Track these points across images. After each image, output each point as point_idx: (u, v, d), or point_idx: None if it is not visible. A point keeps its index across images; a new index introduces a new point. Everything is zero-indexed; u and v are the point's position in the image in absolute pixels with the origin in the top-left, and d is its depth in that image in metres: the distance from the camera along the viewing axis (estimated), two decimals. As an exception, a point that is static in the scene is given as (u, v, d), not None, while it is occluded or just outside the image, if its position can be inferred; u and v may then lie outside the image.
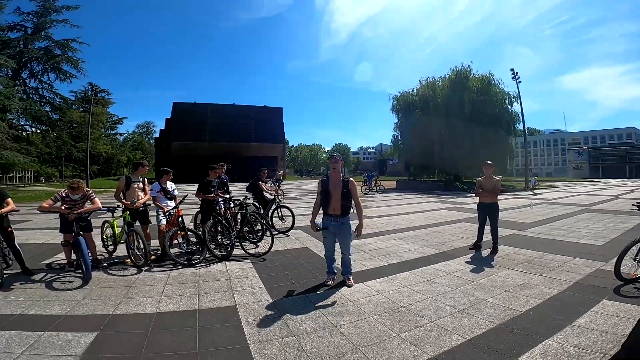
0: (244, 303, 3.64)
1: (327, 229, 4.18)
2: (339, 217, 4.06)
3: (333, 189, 4.08)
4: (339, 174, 4.17)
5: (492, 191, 6.05)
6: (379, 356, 2.52)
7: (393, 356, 2.52)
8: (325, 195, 4.14)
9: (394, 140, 32.84)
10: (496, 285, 4.16)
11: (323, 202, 4.18)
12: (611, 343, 2.59)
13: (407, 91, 30.66)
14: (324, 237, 4.30)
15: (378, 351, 2.59)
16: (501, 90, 27.41)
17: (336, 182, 4.10)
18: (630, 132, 79.77)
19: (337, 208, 4.05)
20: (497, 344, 2.69)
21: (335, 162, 4.15)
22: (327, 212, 4.15)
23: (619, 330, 2.80)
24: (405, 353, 2.56)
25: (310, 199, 17.79)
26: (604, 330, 2.83)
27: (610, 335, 2.73)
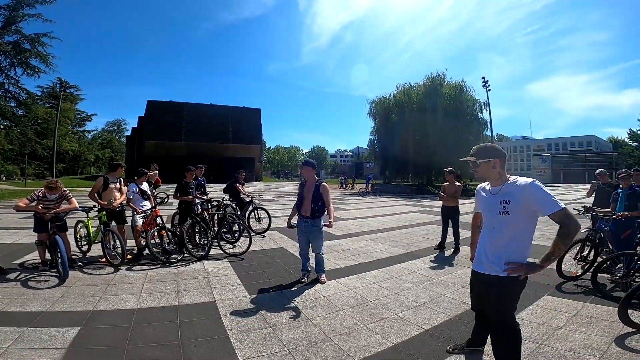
0: (222, 299, 3.84)
1: (299, 228, 4.52)
2: (309, 219, 4.40)
3: (307, 192, 4.43)
4: (314, 178, 4.48)
5: (453, 196, 6.55)
6: (348, 344, 2.81)
7: (360, 344, 2.82)
8: (300, 197, 4.50)
9: (370, 144, 33.52)
10: (455, 282, 4.58)
11: (298, 204, 4.54)
12: (546, 334, 2.97)
13: (385, 96, 31.51)
14: (298, 236, 4.61)
15: (347, 339, 2.89)
16: (472, 97, 28.78)
17: (310, 186, 4.43)
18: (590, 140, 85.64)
19: (307, 210, 4.39)
20: (451, 333, 3.04)
21: (304, 169, 4.50)
22: (300, 213, 4.50)
23: (554, 323, 3.20)
24: (371, 341, 2.87)
25: (287, 201, 17.98)
26: (541, 323, 3.21)
27: (546, 327, 3.11)
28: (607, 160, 61.16)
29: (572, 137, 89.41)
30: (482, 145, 2.34)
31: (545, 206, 1.99)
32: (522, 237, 2.13)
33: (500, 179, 2.20)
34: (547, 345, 2.77)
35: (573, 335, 2.93)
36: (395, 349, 2.75)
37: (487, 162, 2.22)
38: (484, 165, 2.23)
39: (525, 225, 2.12)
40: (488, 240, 2.22)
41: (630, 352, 2.61)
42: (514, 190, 2.10)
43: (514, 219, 2.08)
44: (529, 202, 2.04)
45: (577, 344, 2.76)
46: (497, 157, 2.20)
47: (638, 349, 2.66)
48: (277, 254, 6.08)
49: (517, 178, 2.16)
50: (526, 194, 2.04)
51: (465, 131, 27.37)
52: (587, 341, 2.81)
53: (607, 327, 3.08)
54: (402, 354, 2.69)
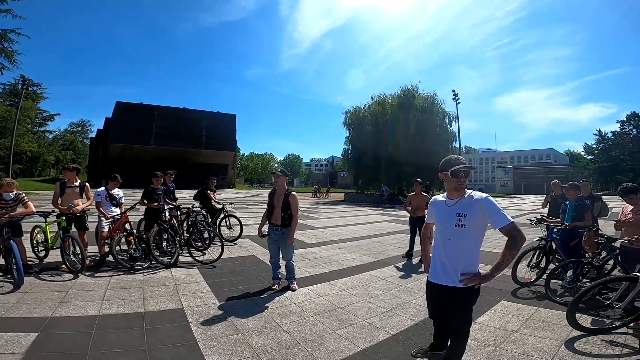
0: (191, 306, 3.78)
1: (269, 236, 4.55)
2: (279, 227, 4.44)
3: (276, 201, 4.47)
4: (284, 187, 4.53)
5: (421, 207, 6.80)
6: (317, 349, 2.86)
7: (329, 349, 2.88)
8: (270, 206, 4.54)
9: (344, 154, 33.91)
10: (420, 288, 4.74)
11: (268, 212, 4.57)
12: (501, 338, 3.15)
13: (360, 106, 32.17)
14: (269, 244, 4.63)
15: (317, 345, 2.94)
16: (442, 110, 30.08)
17: (280, 195, 4.47)
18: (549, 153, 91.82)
19: (278, 218, 4.43)
20: (416, 337, 3.17)
21: (277, 177, 4.55)
22: (270, 221, 4.53)
23: (509, 327, 3.41)
24: (340, 346, 2.94)
25: (259, 209, 17.82)
26: (497, 327, 3.40)
27: (501, 331, 3.30)
28: (564, 172, 65.54)
29: (532, 150, 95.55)
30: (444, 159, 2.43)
31: (496, 220, 2.14)
32: (474, 249, 2.27)
33: (457, 192, 2.31)
34: (502, 348, 2.95)
35: (526, 339, 3.13)
36: (363, 354, 2.82)
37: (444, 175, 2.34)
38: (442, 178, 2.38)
39: (478, 238, 2.27)
40: (444, 251, 2.31)
41: (579, 355, 2.82)
42: (470, 205, 2.22)
43: (468, 231, 2.21)
44: (484, 216, 2.18)
45: (529, 347, 2.96)
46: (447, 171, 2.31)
47: (586, 352, 2.88)
48: (248, 262, 6.03)
49: (473, 192, 2.29)
50: (481, 209, 2.18)
51: (435, 143, 28.45)
52: (539, 344, 3.01)
53: (557, 330, 3.32)
54: (370, 359, 2.77)
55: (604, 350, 2.89)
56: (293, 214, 4.44)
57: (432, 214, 2.56)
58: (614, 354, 2.83)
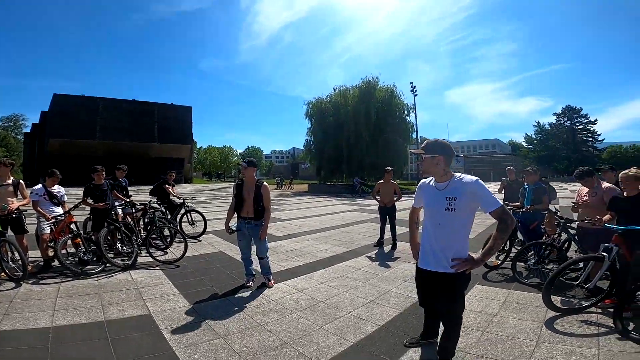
0: (159, 311, 3.42)
1: (240, 231, 4.21)
2: (252, 220, 4.13)
3: (247, 193, 4.14)
4: (253, 179, 4.23)
5: (391, 195, 6.83)
6: (307, 347, 2.68)
7: (320, 346, 2.71)
8: (239, 199, 4.19)
9: (306, 145, 33.80)
10: (397, 277, 4.75)
11: (237, 205, 4.22)
12: (485, 322, 3.19)
13: (322, 98, 32.15)
14: (238, 240, 4.30)
15: (305, 343, 2.76)
16: (401, 101, 30.83)
17: (250, 186, 4.17)
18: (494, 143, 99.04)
19: (250, 211, 4.12)
20: (404, 327, 3.11)
21: (245, 168, 4.22)
22: (240, 215, 4.19)
23: (489, 310, 3.47)
24: (330, 342, 2.79)
25: (221, 203, 17.15)
26: (479, 311, 3.45)
27: (484, 315, 3.35)
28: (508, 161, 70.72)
29: (480, 140, 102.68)
30: (433, 140, 2.34)
31: (487, 204, 2.10)
32: (464, 233, 2.23)
33: (445, 175, 2.25)
34: (489, 332, 2.97)
35: (508, 322, 3.19)
36: (355, 348, 2.70)
37: (432, 158, 2.25)
38: (428, 160, 2.26)
39: (467, 222, 2.22)
40: (434, 237, 2.25)
41: (561, 335, 2.91)
42: (460, 188, 2.16)
43: (459, 215, 2.15)
44: (474, 199, 2.13)
45: (514, 330, 3.02)
46: (441, 154, 2.24)
47: (566, 332, 2.97)
48: (216, 259, 5.68)
49: (462, 175, 2.23)
50: (471, 192, 2.13)
51: (394, 133, 29.30)
52: (522, 326, 3.08)
53: (533, 312, 3.42)
54: (364, 353, 2.65)
55: (582, 330, 3.01)
56: (266, 206, 4.18)
57: (420, 198, 2.48)
58: (592, 333, 2.95)
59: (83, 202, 5.46)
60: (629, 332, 2.82)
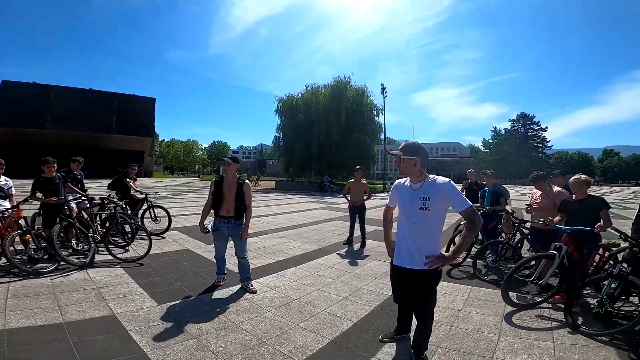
0: (124, 311, 3.23)
1: (217, 231, 4.02)
2: (232, 219, 3.95)
3: (227, 191, 3.96)
4: (234, 176, 4.07)
5: (361, 194, 6.96)
6: (285, 345, 2.67)
7: (298, 344, 2.71)
8: (218, 197, 3.98)
9: (275, 142, 33.46)
10: (368, 274, 4.86)
11: (215, 204, 4.00)
12: (452, 317, 3.36)
13: (293, 95, 31.95)
14: (215, 239, 4.11)
15: (283, 341, 2.75)
16: (371, 102, 31.41)
17: (231, 184, 3.99)
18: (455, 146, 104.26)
19: (231, 210, 3.93)
20: (378, 323, 3.19)
21: (228, 165, 4.04)
22: (219, 214, 3.98)
23: (455, 306, 3.65)
24: (308, 340, 2.80)
25: (185, 199, 16.55)
26: (445, 307, 3.60)
27: (450, 310, 3.52)
28: (467, 163, 74.76)
29: (442, 142, 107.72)
30: (410, 142, 2.44)
31: (457, 204, 2.23)
32: (437, 231, 2.36)
33: (421, 176, 2.35)
34: (456, 327, 3.14)
35: (472, 317, 3.38)
36: (333, 345, 2.73)
37: (410, 160, 2.34)
38: (406, 161, 2.35)
39: (440, 220, 2.35)
40: (409, 235, 2.34)
41: (520, 329, 3.12)
42: (434, 188, 2.27)
43: (432, 214, 2.26)
44: (446, 199, 2.25)
45: (478, 324, 3.20)
46: (418, 155, 2.34)
47: (524, 326, 3.20)
48: (183, 257, 5.47)
49: (436, 177, 2.34)
50: (444, 192, 2.24)
51: (363, 133, 29.87)
52: (485, 321, 3.28)
53: (494, 307, 3.65)
54: (342, 349, 2.69)
55: (537, 324, 3.25)
56: (247, 205, 4.05)
57: (395, 198, 2.55)
58: (547, 326, 3.20)
59: (32, 196, 4.97)
60: (578, 326, 3.09)
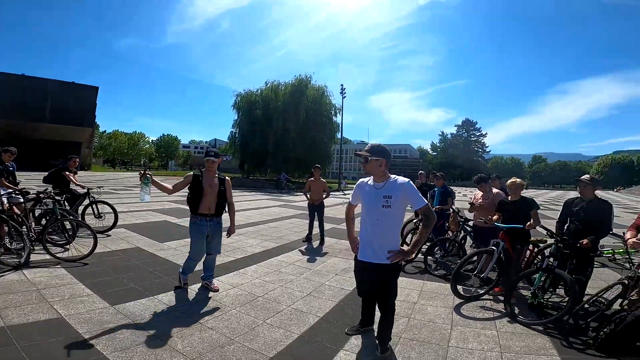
0: (73, 313, 3.00)
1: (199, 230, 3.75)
2: (214, 217, 3.78)
3: (208, 187, 3.72)
4: (215, 172, 3.88)
5: (320, 192, 7.08)
6: (255, 342, 2.68)
7: (267, 340, 2.73)
8: (198, 193, 3.70)
9: (231, 137, 32.68)
10: (329, 270, 4.99)
11: (194, 200, 3.71)
12: (409, 309, 3.59)
13: (252, 90, 31.43)
14: (195, 240, 3.77)
15: (252, 338, 2.75)
16: (330, 102, 31.77)
17: (212, 180, 3.78)
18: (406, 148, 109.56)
19: (212, 207, 3.74)
20: (342, 317, 3.31)
21: (212, 162, 3.79)
22: (199, 212, 3.71)
23: (411, 299, 3.91)
24: (277, 336, 2.83)
25: (131, 194, 15.48)
26: (402, 300, 3.80)
27: (407, 304, 3.76)
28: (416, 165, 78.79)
29: (394, 144, 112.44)
30: (376, 144, 2.59)
31: (415, 202, 2.43)
32: (398, 228, 2.56)
33: (384, 176, 2.53)
34: (414, 318, 3.37)
35: (427, 309, 3.65)
36: (302, 340, 2.79)
37: (377, 160, 2.50)
38: (374, 162, 2.50)
39: (400, 218, 2.54)
40: (372, 231, 2.49)
41: (467, 319, 3.43)
42: (395, 187, 2.46)
43: (393, 212, 2.45)
44: (405, 198, 2.44)
45: (432, 316, 3.46)
46: (384, 157, 2.52)
47: (471, 316, 3.51)
48: (134, 255, 5.17)
49: (397, 177, 2.53)
50: (404, 191, 2.44)
51: (321, 132, 30.22)
52: (437, 312, 3.55)
53: (444, 299, 3.96)
54: (311, 343, 2.75)
55: (482, 314, 3.59)
56: (231, 201, 3.94)
57: (358, 196, 2.69)
58: (490, 317, 3.53)
59: None
60: (516, 316, 3.46)
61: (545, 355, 2.75)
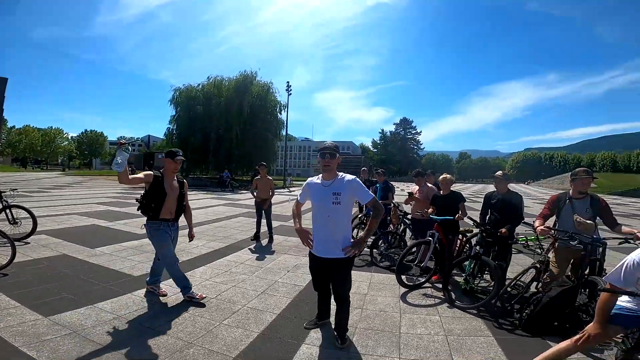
0: (2, 327, 2.69)
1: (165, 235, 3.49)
2: (174, 222, 3.58)
3: (170, 190, 3.46)
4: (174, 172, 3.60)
5: (267, 190, 7.06)
6: (215, 344, 2.64)
7: (227, 341, 2.71)
8: (160, 197, 3.38)
9: (168, 133, 30.84)
10: (280, 267, 5.04)
11: (156, 205, 3.38)
12: (361, 300, 3.79)
13: (192, 85, 30.05)
14: (165, 245, 3.47)
15: (212, 340, 2.70)
16: (275, 99, 31.54)
17: (173, 182, 3.52)
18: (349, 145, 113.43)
19: (173, 211, 3.51)
20: (299, 312, 3.40)
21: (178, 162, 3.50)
22: (160, 217, 3.40)
23: (361, 291, 4.12)
24: (237, 335, 2.81)
25: (51, 197, 13.80)
26: (354, 292, 3.81)
27: (359, 295, 3.95)
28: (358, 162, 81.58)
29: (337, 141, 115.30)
30: (335, 143, 2.74)
31: (363, 197, 2.62)
32: (348, 222, 2.72)
33: (334, 173, 2.68)
34: (366, 309, 3.57)
35: (377, 299, 3.88)
36: (263, 337, 2.82)
37: (338, 158, 2.67)
38: (334, 161, 2.66)
39: (349, 212, 2.72)
40: (325, 227, 2.62)
41: (413, 306, 3.72)
42: (343, 184, 2.62)
43: (343, 207, 2.61)
44: (353, 193, 2.63)
45: (382, 305, 3.70)
46: (340, 155, 2.69)
47: (415, 303, 3.81)
48: (62, 264, 4.66)
49: (344, 175, 2.70)
50: (352, 188, 2.62)
51: (265, 129, 29.89)
52: (387, 302, 3.81)
53: (391, 289, 4.24)
54: (273, 340, 2.79)
55: (425, 301, 3.92)
56: (188, 204, 3.77)
57: (307, 195, 2.80)
58: (432, 303, 3.87)
59: None
60: (454, 301, 3.83)
61: (482, 336, 3.05)
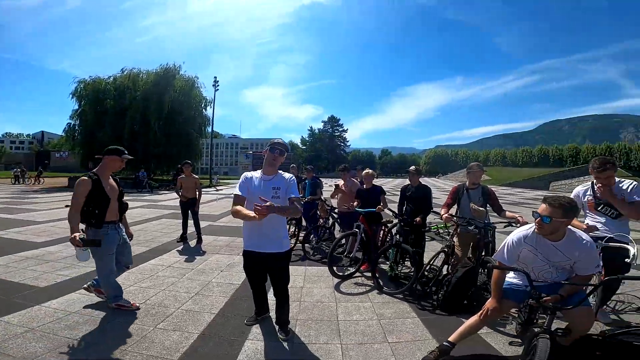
0: None
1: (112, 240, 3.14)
2: (120, 223, 3.31)
3: (111, 191, 3.17)
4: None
5: (193, 189, 6.79)
6: (152, 349, 2.52)
7: (165, 345, 2.60)
8: (104, 201, 3.08)
9: (69, 130, 26.79)
10: (213, 268, 4.92)
11: (100, 210, 3.05)
12: (299, 294, 3.89)
13: (102, 78, 26.73)
14: (107, 253, 3.12)
15: (148, 345, 2.57)
16: (201, 94, 29.87)
17: (110, 182, 3.21)
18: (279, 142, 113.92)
19: (116, 211, 3.22)
20: (238, 310, 3.39)
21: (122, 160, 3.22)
22: (105, 220, 3.09)
23: (297, 285, 4.17)
24: (175, 338, 2.71)
25: None
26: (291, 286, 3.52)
27: (296, 289, 3.95)
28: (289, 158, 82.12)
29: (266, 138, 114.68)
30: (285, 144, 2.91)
31: (294, 192, 2.77)
32: (284, 218, 2.87)
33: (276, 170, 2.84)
34: (304, 301, 3.72)
35: (313, 291, 4.06)
36: (204, 338, 2.76)
37: (284, 157, 2.83)
38: (282, 159, 2.81)
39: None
40: (267, 222, 2.57)
41: (347, 295, 3.95)
42: (282, 180, 2.78)
43: (281, 202, 2.71)
44: (288, 189, 2.77)
45: (319, 297, 3.87)
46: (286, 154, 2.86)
47: (348, 292, 4.04)
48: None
49: (283, 172, 2.87)
50: (288, 185, 2.78)
51: (189, 126, 28.17)
52: (322, 293, 3.99)
53: (325, 281, 4.45)
54: (214, 339, 2.76)
55: (357, 289, 4.18)
56: (127, 203, 3.47)
57: (247, 188, 2.78)
58: (364, 291, 4.14)
59: None
60: (382, 288, 4.16)
61: (409, 317, 3.37)
